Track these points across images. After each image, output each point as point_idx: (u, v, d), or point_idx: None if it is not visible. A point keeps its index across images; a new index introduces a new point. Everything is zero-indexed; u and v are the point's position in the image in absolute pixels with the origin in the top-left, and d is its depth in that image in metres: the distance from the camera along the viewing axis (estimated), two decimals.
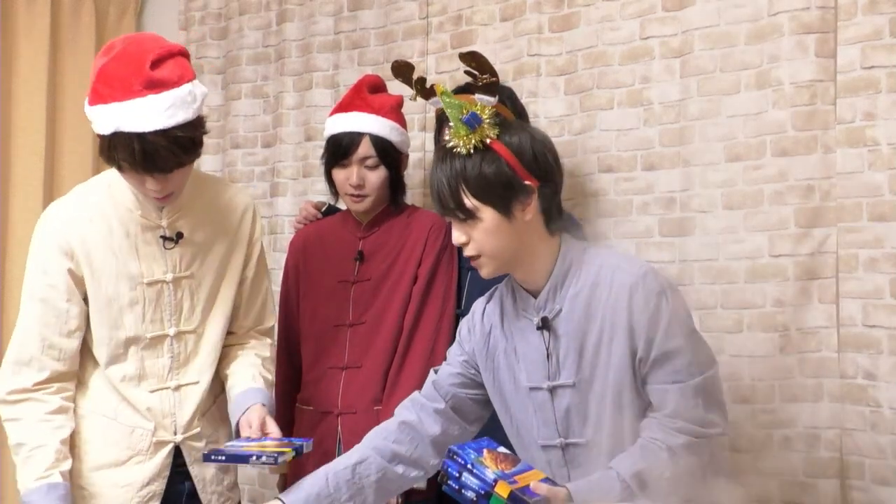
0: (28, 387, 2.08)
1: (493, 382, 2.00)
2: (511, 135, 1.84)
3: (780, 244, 2.36)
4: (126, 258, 2.11)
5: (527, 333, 1.92)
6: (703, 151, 2.47)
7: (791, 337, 2.35)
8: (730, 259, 2.42)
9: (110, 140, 1.94)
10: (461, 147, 1.82)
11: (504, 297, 2.00)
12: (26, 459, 2.04)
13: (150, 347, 2.15)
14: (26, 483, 2.02)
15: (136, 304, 2.12)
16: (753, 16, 2.43)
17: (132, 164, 1.95)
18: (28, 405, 2.07)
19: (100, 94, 1.94)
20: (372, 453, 1.98)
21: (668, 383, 1.80)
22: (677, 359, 1.80)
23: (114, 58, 1.97)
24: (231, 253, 2.24)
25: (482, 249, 1.85)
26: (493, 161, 1.81)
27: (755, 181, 2.40)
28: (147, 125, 1.91)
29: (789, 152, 2.36)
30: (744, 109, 2.42)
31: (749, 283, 2.40)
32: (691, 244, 2.48)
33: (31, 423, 2.06)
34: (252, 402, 2.13)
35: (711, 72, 2.48)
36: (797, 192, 2.35)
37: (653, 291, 1.80)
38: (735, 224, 2.42)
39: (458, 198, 1.82)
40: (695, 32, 2.50)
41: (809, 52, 2.34)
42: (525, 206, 1.83)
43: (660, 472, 1.77)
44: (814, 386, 2.33)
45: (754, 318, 2.39)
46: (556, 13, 2.76)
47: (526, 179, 1.82)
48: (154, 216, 2.13)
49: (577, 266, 1.88)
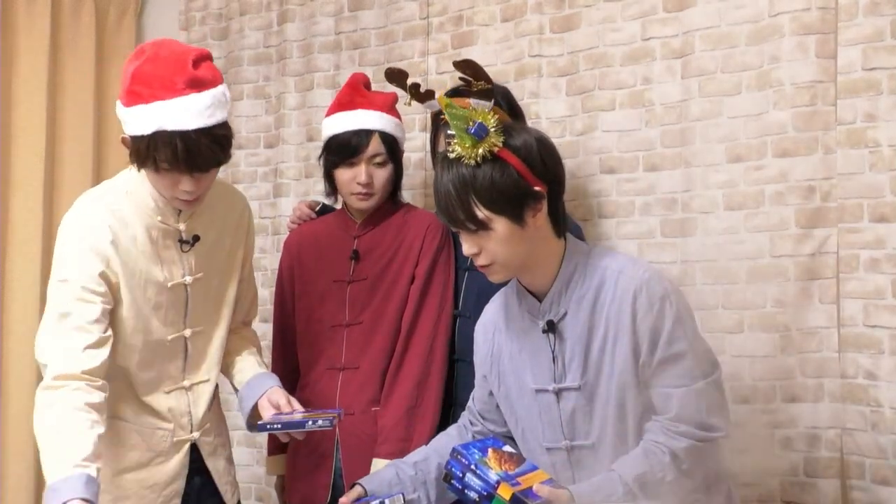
0: (76, 374, 1.96)
1: (498, 385, 2.01)
2: (516, 140, 1.82)
3: (781, 245, 2.37)
4: (150, 263, 2.12)
5: (533, 336, 1.93)
6: (705, 152, 2.48)
7: (792, 337, 2.36)
8: (731, 259, 2.43)
9: (150, 140, 1.94)
10: (469, 158, 1.79)
11: (509, 299, 2.00)
12: (60, 445, 1.89)
13: (169, 350, 2.17)
14: (59, 469, 1.85)
15: (161, 308, 2.13)
16: (754, 17, 2.43)
17: (173, 163, 1.96)
18: (71, 392, 1.94)
19: (139, 94, 1.95)
20: (433, 453, 2.05)
21: (672, 387, 1.81)
22: (680, 362, 1.81)
23: (148, 60, 1.98)
24: (234, 252, 2.29)
25: (495, 258, 1.84)
26: (503, 169, 1.79)
27: (756, 182, 2.40)
28: (191, 123, 1.93)
29: (790, 153, 2.36)
30: (745, 110, 2.43)
31: (750, 284, 2.40)
32: (693, 245, 2.49)
33: (69, 411, 1.92)
34: (269, 385, 2.20)
35: (712, 73, 2.48)
36: (798, 193, 2.35)
37: (656, 295, 1.81)
38: (736, 225, 2.43)
39: (469, 209, 1.80)
40: (696, 33, 2.51)
41: (810, 53, 2.34)
42: (536, 211, 1.82)
43: (662, 475, 1.78)
44: (815, 386, 2.34)
45: (755, 318, 2.40)
46: (556, 14, 2.76)
47: (535, 185, 1.81)
48: (172, 220, 2.14)
49: (583, 269, 1.88)
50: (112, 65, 3.51)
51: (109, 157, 3.46)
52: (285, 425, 2.08)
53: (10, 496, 3.18)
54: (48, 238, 3.15)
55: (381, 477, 2.02)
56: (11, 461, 3.20)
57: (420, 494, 1.99)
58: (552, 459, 1.92)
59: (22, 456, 3.20)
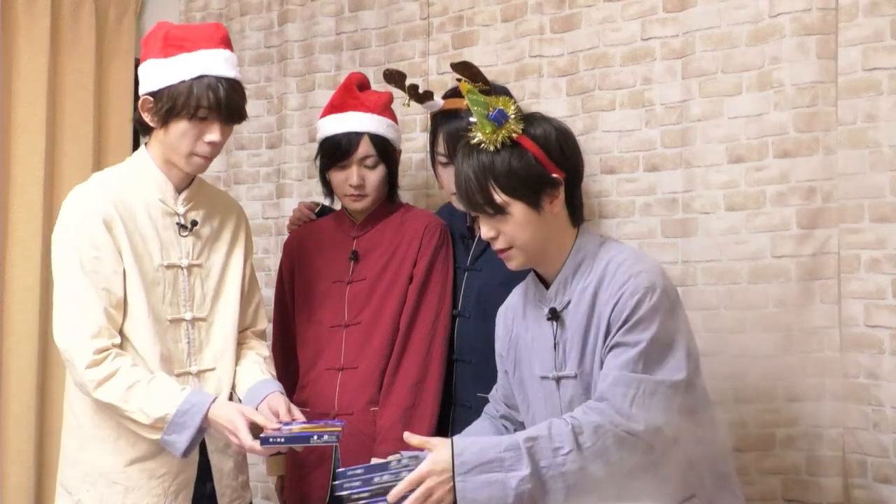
0: (108, 346, 2.09)
1: (514, 372, 2.04)
2: (536, 128, 1.88)
3: (783, 245, 2.37)
4: (147, 239, 2.18)
5: (541, 323, 1.96)
6: (705, 153, 2.48)
7: (793, 337, 2.36)
8: (732, 260, 2.43)
9: (193, 84, 2.09)
10: (488, 143, 1.84)
11: (528, 287, 2.04)
12: (150, 390, 2.06)
13: (171, 330, 2.20)
14: (172, 400, 2.04)
15: (158, 284, 2.19)
16: (754, 17, 2.43)
17: (214, 107, 2.11)
18: (118, 359, 2.08)
19: (181, 46, 2.12)
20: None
21: (610, 369, 1.80)
22: (631, 351, 1.79)
23: (176, 26, 2.21)
24: (232, 249, 2.33)
25: (513, 242, 1.89)
26: (521, 156, 1.84)
27: (757, 182, 2.41)
28: (230, 73, 2.15)
29: (791, 154, 2.37)
30: (745, 111, 2.43)
31: (752, 284, 2.41)
32: (694, 245, 2.49)
33: (129, 369, 2.08)
34: (270, 391, 2.22)
35: (713, 73, 2.48)
36: (799, 194, 2.36)
37: (641, 285, 1.82)
38: (737, 225, 2.43)
39: (488, 193, 1.85)
40: (696, 34, 2.51)
41: (810, 54, 2.34)
42: (553, 198, 1.87)
43: (559, 444, 1.74)
44: (816, 385, 2.35)
45: (757, 318, 2.40)
46: (557, 14, 2.76)
47: (553, 172, 1.86)
48: (172, 203, 2.22)
49: (590, 260, 1.91)
50: (112, 65, 3.51)
51: (109, 156, 3.45)
52: (288, 439, 2.05)
53: (10, 496, 3.17)
54: (48, 238, 3.13)
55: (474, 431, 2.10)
56: (11, 461, 3.19)
57: None
58: None
59: (22, 456, 3.19)
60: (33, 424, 3.20)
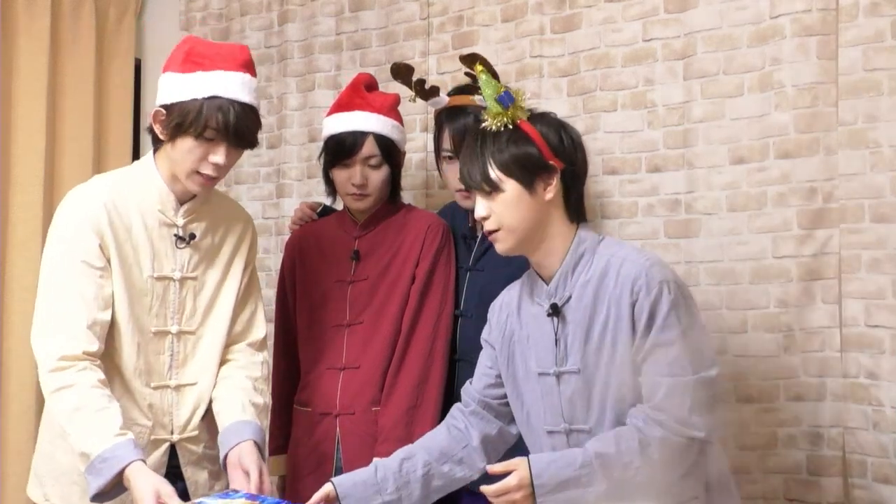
0: (79, 354, 2.03)
1: (507, 369, 2.04)
2: (541, 118, 1.95)
3: (784, 245, 2.38)
4: (139, 249, 2.15)
5: (539, 319, 1.96)
6: (707, 154, 2.49)
7: (794, 337, 2.38)
8: (734, 260, 2.44)
9: (204, 103, 2.05)
10: (491, 124, 1.91)
11: (523, 284, 2.05)
12: (92, 421, 1.98)
13: (154, 342, 2.17)
14: (101, 440, 1.95)
15: (145, 296, 2.16)
16: (755, 18, 2.44)
17: (222, 129, 2.06)
18: (81, 372, 2.02)
19: (199, 63, 2.08)
20: (420, 451, 2.06)
21: (661, 375, 1.82)
22: (672, 350, 1.81)
23: (203, 43, 2.17)
24: (231, 262, 2.29)
25: (502, 222, 1.91)
26: (521, 139, 1.90)
27: (759, 183, 2.42)
28: (245, 97, 2.10)
29: (792, 154, 2.38)
30: (747, 112, 2.44)
31: (753, 284, 2.42)
32: (696, 246, 2.50)
33: (87, 389, 2.00)
34: (243, 438, 2.12)
35: (714, 74, 2.49)
36: (800, 194, 2.37)
37: (655, 279, 1.84)
38: (739, 226, 2.44)
39: (485, 170, 1.90)
40: (697, 35, 2.52)
41: (811, 55, 2.35)
42: (547, 184, 1.90)
43: (629, 459, 1.80)
44: (817, 385, 2.36)
45: (758, 318, 2.41)
46: (557, 14, 2.76)
47: (550, 159, 1.89)
48: (171, 214, 2.19)
49: (590, 255, 1.92)
50: (112, 65, 3.51)
51: (109, 157, 3.46)
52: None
53: (10, 496, 3.17)
54: None
55: (357, 477, 2.02)
56: (11, 461, 3.19)
57: (402, 494, 2.00)
58: (553, 443, 1.95)
59: (22, 456, 3.18)
60: (33, 424, 3.18)
